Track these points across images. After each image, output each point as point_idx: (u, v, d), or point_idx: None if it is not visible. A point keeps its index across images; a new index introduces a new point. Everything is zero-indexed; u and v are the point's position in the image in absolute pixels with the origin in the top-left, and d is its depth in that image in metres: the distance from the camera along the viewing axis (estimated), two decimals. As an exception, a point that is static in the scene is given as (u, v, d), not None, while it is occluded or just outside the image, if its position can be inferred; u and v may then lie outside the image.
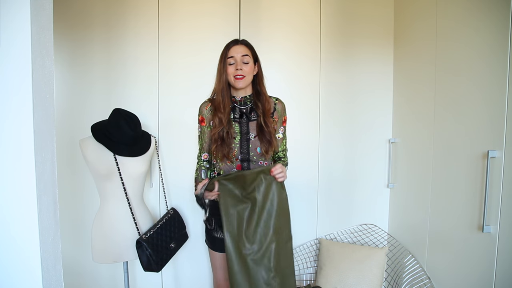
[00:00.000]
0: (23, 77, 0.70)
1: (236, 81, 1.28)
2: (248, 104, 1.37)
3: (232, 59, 1.29)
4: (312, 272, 1.95)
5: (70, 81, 1.79)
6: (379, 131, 1.94)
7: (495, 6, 1.10)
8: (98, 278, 1.85)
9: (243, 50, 1.30)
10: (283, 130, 1.42)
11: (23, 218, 0.72)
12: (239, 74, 1.27)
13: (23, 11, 0.70)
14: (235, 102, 1.36)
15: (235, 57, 1.28)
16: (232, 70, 1.29)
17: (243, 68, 1.28)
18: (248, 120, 1.36)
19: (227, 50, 1.30)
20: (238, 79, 1.28)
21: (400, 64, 1.84)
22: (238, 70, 1.27)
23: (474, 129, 1.21)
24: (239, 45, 1.31)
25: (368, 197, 1.97)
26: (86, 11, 1.77)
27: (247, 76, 1.29)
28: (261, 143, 1.32)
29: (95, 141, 1.41)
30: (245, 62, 1.29)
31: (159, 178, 1.81)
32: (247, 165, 1.35)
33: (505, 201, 1.06)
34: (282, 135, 1.42)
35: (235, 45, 1.31)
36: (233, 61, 1.29)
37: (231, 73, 1.29)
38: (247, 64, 1.30)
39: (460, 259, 1.29)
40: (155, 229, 1.45)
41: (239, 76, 1.28)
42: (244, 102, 1.36)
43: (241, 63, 1.28)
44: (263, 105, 1.34)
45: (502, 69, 1.06)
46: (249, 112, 1.37)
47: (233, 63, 1.29)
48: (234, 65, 1.29)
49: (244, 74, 1.28)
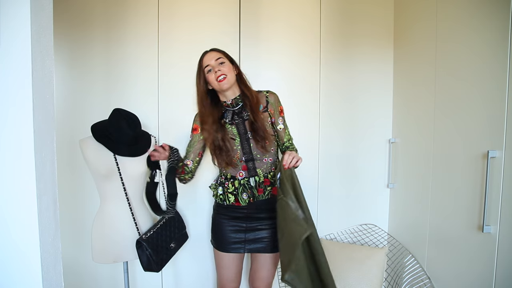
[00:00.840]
0: (23, 77, 0.70)
1: (221, 83, 1.30)
2: (240, 104, 1.38)
3: (208, 67, 1.32)
4: (312, 272, 1.95)
5: (70, 81, 1.79)
6: (379, 131, 1.94)
7: (495, 6, 1.10)
8: (98, 278, 1.85)
9: (215, 55, 1.34)
10: (282, 121, 1.43)
11: (23, 218, 0.72)
12: (219, 75, 1.29)
13: (23, 11, 0.70)
14: (227, 106, 1.39)
15: (210, 64, 1.32)
16: (212, 76, 1.31)
17: (221, 68, 1.31)
18: (243, 120, 1.37)
19: (201, 62, 1.34)
20: (222, 80, 1.30)
21: (400, 64, 1.84)
22: (218, 72, 1.29)
23: (474, 129, 1.21)
24: (209, 52, 1.35)
25: (368, 197, 1.97)
26: (86, 11, 1.77)
27: (228, 75, 1.31)
28: (255, 140, 1.33)
29: (95, 141, 1.41)
30: (221, 63, 1.32)
31: (159, 178, 1.81)
32: (252, 165, 1.36)
33: (505, 201, 1.06)
34: (283, 125, 1.42)
35: (206, 54, 1.35)
36: (210, 68, 1.32)
37: (213, 79, 1.31)
38: (223, 63, 1.32)
39: (460, 259, 1.29)
40: (155, 229, 1.45)
41: (221, 77, 1.30)
42: (236, 103, 1.38)
43: (217, 65, 1.31)
44: (249, 101, 1.35)
45: (502, 69, 1.06)
46: (241, 111, 1.38)
47: (210, 69, 1.32)
48: (212, 71, 1.31)
49: (225, 73, 1.30)
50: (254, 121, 1.34)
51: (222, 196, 1.41)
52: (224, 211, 1.42)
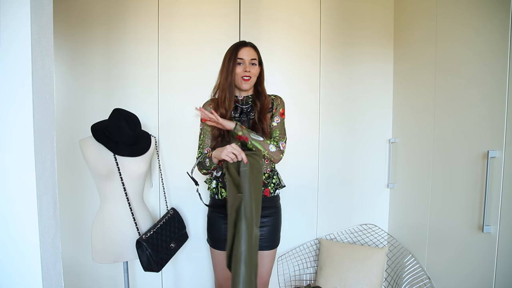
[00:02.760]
0: (23, 77, 0.70)
1: (243, 82, 1.32)
2: (250, 103, 1.40)
3: (241, 61, 1.33)
4: (312, 272, 1.95)
5: (70, 81, 1.79)
6: (379, 131, 1.94)
7: (495, 6, 1.10)
8: (98, 278, 1.85)
9: (252, 54, 1.35)
10: (278, 120, 1.42)
11: (23, 218, 0.72)
12: (247, 75, 1.32)
13: (23, 11, 0.70)
14: (237, 102, 1.40)
15: (244, 59, 1.33)
16: (240, 70, 1.32)
17: (251, 70, 1.33)
18: (249, 119, 1.39)
19: (237, 51, 1.34)
20: (246, 80, 1.32)
21: (400, 64, 1.84)
22: (247, 72, 1.32)
23: (474, 129, 1.21)
24: (248, 47, 1.36)
25: (368, 197, 1.97)
26: (86, 11, 1.77)
27: (253, 77, 1.34)
28: None
29: (95, 141, 1.41)
30: (253, 64, 1.34)
31: (159, 178, 1.81)
32: None
33: (505, 201, 1.06)
34: (277, 124, 1.40)
35: (245, 47, 1.35)
36: (241, 62, 1.33)
37: (239, 73, 1.33)
38: (254, 66, 1.35)
39: (460, 259, 1.29)
40: (155, 229, 1.45)
41: (247, 78, 1.32)
42: (246, 102, 1.40)
43: (249, 65, 1.33)
44: (261, 104, 1.37)
45: (502, 69, 1.06)
46: (249, 111, 1.40)
47: (241, 63, 1.33)
48: (242, 66, 1.33)
49: (251, 76, 1.33)
50: (258, 121, 1.35)
51: (215, 190, 1.41)
52: (219, 209, 1.42)
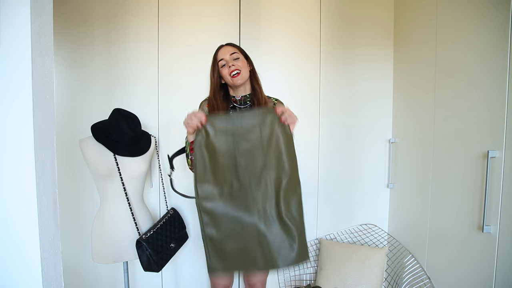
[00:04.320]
0: (23, 77, 0.70)
1: (234, 79, 1.29)
2: (248, 104, 1.38)
3: (223, 61, 1.31)
4: (312, 272, 1.95)
5: (70, 81, 1.79)
6: (379, 131, 1.94)
7: (495, 7, 1.10)
8: (98, 278, 1.85)
9: (230, 49, 1.33)
10: None
11: (23, 218, 0.72)
12: (233, 70, 1.28)
13: (23, 11, 0.70)
14: (235, 102, 1.37)
15: (225, 58, 1.31)
16: (226, 70, 1.30)
17: (236, 63, 1.30)
18: None
19: (216, 55, 1.33)
20: (235, 76, 1.29)
21: (400, 65, 1.84)
22: (232, 67, 1.29)
23: (474, 129, 1.21)
24: (225, 46, 1.34)
25: (368, 197, 1.97)
26: (87, 11, 1.77)
27: (242, 70, 1.30)
28: None
29: (95, 141, 1.41)
30: (235, 58, 1.31)
31: (159, 178, 1.81)
32: None
33: (505, 201, 1.06)
34: None
35: (221, 48, 1.34)
36: (224, 63, 1.31)
37: (227, 74, 1.30)
38: (238, 59, 1.31)
39: (460, 259, 1.29)
40: (155, 229, 1.45)
41: (235, 73, 1.29)
42: (244, 102, 1.38)
43: (232, 60, 1.30)
44: (258, 101, 1.35)
45: (502, 69, 1.06)
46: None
47: (224, 64, 1.31)
48: (226, 66, 1.31)
49: (239, 69, 1.29)
50: None
51: None
52: None
